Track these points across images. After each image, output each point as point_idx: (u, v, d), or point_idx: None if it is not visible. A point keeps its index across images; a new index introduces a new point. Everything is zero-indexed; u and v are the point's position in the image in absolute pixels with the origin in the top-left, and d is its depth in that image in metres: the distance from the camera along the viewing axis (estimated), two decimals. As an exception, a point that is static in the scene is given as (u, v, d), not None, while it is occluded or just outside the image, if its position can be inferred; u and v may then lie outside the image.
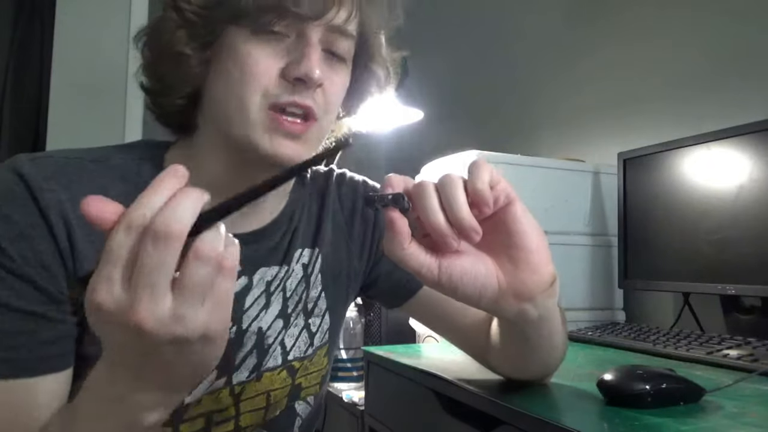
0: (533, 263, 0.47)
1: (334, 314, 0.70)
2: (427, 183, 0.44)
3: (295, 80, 0.53)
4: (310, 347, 0.68)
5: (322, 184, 0.71)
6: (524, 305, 0.48)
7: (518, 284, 0.47)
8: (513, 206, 0.46)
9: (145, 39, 0.58)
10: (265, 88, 0.53)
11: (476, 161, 0.45)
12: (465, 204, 0.43)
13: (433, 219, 0.43)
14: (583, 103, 1.55)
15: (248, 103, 0.53)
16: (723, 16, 1.19)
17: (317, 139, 0.58)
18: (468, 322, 0.69)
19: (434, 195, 0.44)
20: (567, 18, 1.64)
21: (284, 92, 0.53)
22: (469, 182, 0.44)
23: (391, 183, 0.45)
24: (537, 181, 1.21)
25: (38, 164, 0.52)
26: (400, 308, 0.74)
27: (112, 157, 0.57)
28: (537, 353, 0.58)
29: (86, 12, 2.01)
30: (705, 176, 1.03)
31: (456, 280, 0.46)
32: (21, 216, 0.49)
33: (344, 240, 0.71)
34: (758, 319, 0.98)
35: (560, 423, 0.52)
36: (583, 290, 1.24)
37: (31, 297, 0.49)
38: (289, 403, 0.67)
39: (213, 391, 0.60)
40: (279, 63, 0.54)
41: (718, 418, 0.54)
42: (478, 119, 2.02)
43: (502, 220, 0.46)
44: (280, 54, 0.54)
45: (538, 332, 0.53)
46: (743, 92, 1.13)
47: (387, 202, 0.44)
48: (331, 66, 0.57)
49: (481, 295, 0.47)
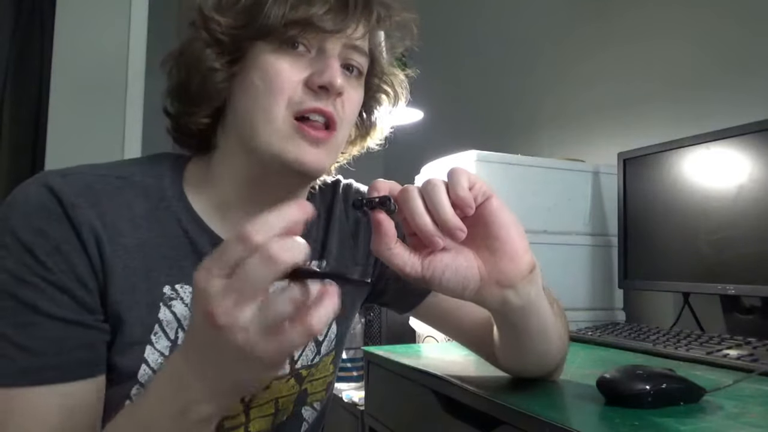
0: (510, 252, 0.50)
1: (340, 324, 0.72)
2: (412, 188, 0.48)
3: (319, 88, 0.57)
4: (317, 355, 0.69)
5: (328, 196, 0.73)
6: (506, 292, 0.51)
7: (498, 273, 0.50)
8: (489, 201, 0.49)
9: (174, 60, 0.61)
10: (289, 98, 0.56)
11: (453, 168, 0.49)
12: (449, 206, 0.47)
13: (420, 221, 0.47)
14: (583, 103, 1.55)
15: (274, 112, 0.56)
16: (723, 15, 1.19)
17: (336, 149, 0.61)
18: (475, 322, 0.70)
19: (419, 198, 0.47)
20: (567, 18, 1.64)
21: (308, 100, 0.57)
22: (450, 190, 0.47)
23: (377, 187, 0.48)
24: (537, 181, 1.21)
25: (69, 181, 0.54)
26: (410, 313, 0.76)
27: (135, 173, 0.59)
28: (530, 344, 0.59)
29: (86, 12, 2.01)
30: (705, 176, 1.03)
31: (439, 275, 0.49)
32: (56, 231, 0.52)
33: (350, 250, 0.72)
34: (758, 319, 0.98)
35: (560, 423, 0.52)
36: (583, 290, 1.24)
37: (71, 307, 0.52)
38: (295, 409, 0.68)
39: None
40: (302, 74, 0.57)
41: (718, 418, 0.54)
42: (478, 119, 2.02)
43: (480, 214, 0.49)
44: (303, 66, 0.57)
45: (525, 321, 0.55)
46: (743, 92, 1.13)
47: (374, 205, 0.47)
48: (348, 80, 0.60)
49: (464, 287, 0.50)
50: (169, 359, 0.45)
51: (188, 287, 0.59)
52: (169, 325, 0.58)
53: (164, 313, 0.57)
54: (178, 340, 0.58)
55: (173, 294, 0.58)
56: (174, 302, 0.58)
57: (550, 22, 1.71)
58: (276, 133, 0.56)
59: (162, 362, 0.57)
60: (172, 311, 0.58)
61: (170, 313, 0.58)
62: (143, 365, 0.56)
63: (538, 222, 1.19)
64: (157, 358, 0.57)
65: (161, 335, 0.57)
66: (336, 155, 0.62)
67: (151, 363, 0.56)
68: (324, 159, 0.58)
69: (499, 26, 1.96)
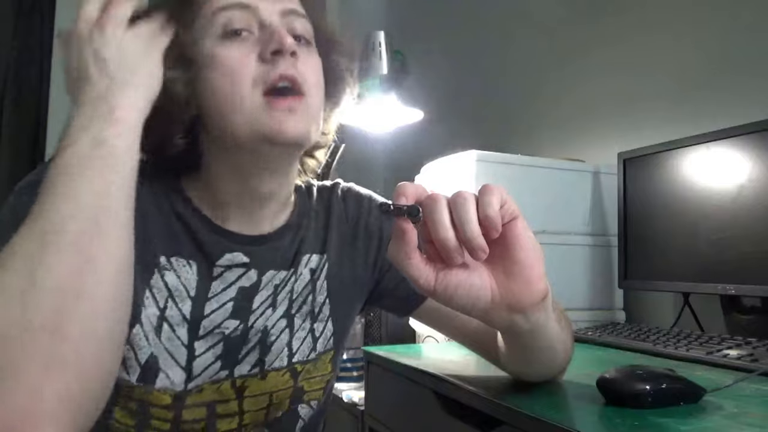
0: (527, 277, 0.48)
1: (337, 322, 0.72)
2: (440, 197, 0.46)
3: (272, 55, 0.58)
4: (313, 351, 0.69)
5: (327, 197, 0.74)
6: (514, 317, 0.49)
7: (510, 296, 0.48)
8: (515, 222, 0.48)
9: None
10: (252, 78, 0.58)
11: (487, 185, 0.46)
12: (477, 224, 0.45)
13: (443, 235, 0.45)
14: (583, 103, 1.55)
15: (242, 95, 0.57)
16: (723, 15, 1.19)
17: (312, 115, 0.61)
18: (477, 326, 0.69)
19: (446, 211, 0.45)
20: (567, 18, 1.64)
21: (269, 71, 0.58)
22: (480, 208, 0.45)
23: (405, 192, 0.46)
24: (537, 181, 1.21)
25: None
26: (411, 315, 0.76)
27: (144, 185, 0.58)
28: (537, 358, 0.60)
29: (86, 12, 2.01)
30: (705, 176, 1.03)
31: (451, 291, 0.48)
32: None
33: (349, 251, 0.73)
34: (758, 319, 0.98)
35: (560, 423, 0.52)
36: (583, 290, 1.24)
37: None
38: (291, 406, 0.68)
39: (215, 381, 0.62)
40: (254, 53, 0.59)
41: (718, 418, 0.54)
42: (478, 119, 2.02)
43: (503, 235, 0.47)
44: (252, 46, 0.59)
45: (532, 342, 0.54)
46: (743, 92, 1.13)
47: (402, 213, 0.46)
48: (299, 48, 0.61)
49: (473, 306, 0.49)
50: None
51: (183, 260, 0.62)
52: (159, 292, 0.60)
53: (156, 280, 0.60)
54: (166, 309, 0.60)
55: (167, 265, 0.61)
56: (167, 272, 0.61)
57: (550, 22, 1.71)
58: (249, 114, 0.57)
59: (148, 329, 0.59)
60: (164, 280, 0.60)
61: (162, 281, 0.60)
62: (137, 324, 0.58)
63: (538, 222, 1.19)
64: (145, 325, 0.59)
65: (151, 300, 0.60)
66: (314, 122, 0.62)
67: (145, 326, 0.59)
68: (302, 125, 0.59)
69: (499, 26, 1.96)
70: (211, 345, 0.62)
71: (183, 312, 0.61)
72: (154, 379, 0.59)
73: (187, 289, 0.61)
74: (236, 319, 0.64)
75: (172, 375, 0.60)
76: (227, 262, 0.64)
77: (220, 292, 0.63)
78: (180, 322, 0.61)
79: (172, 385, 0.60)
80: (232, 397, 0.63)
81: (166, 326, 0.60)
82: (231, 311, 0.63)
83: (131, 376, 0.58)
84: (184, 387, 0.60)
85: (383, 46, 1.77)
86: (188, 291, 0.61)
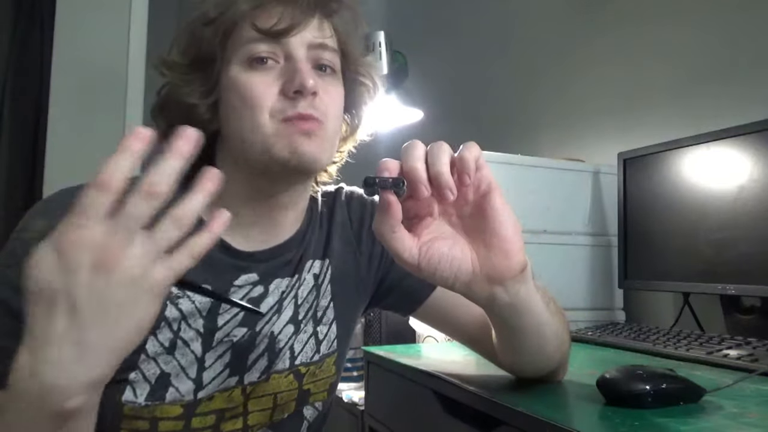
0: (505, 249, 0.50)
1: (341, 324, 0.72)
2: (417, 141, 0.49)
3: (294, 94, 0.58)
4: (317, 353, 0.70)
5: (330, 202, 0.75)
6: (495, 288, 0.51)
7: (489, 268, 0.50)
8: (493, 194, 0.50)
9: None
10: (270, 109, 0.58)
11: (468, 142, 0.49)
12: (447, 164, 0.47)
13: (413, 164, 0.47)
14: (583, 103, 1.55)
15: (260, 121, 0.58)
16: (724, 15, 1.19)
17: (329, 142, 0.62)
18: (474, 322, 0.70)
19: (422, 149, 0.48)
20: (567, 17, 1.64)
21: (288, 107, 0.58)
22: (458, 152, 0.48)
23: (387, 167, 0.48)
24: (537, 181, 1.21)
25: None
26: (411, 315, 0.76)
27: None
28: (524, 341, 0.59)
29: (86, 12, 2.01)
30: (705, 176, 1.03)
31: (434, 264, 0.50)
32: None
33: (353, 253, 0.73)
34: (758, 319, 0.98)
35: (560, 423, 0.52)
36: (583, 290, 1.24)
37: None
38: (297, 408, 0.69)
39: (225, 389, 0.63)
40: (276, 84, 0.59)
41: (718, 418, 0.54)
42: (478, 119, 2.02)
43: (482, 207, 0.50)
44: (276, 77, 0.59)
45: (517, 319, 0.55)
46: (743, 92, 1.13)
47: (388, 185, 0.46)
48: (323, 78, 0.62)
49: (456, 278, 0.51)
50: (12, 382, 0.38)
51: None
52: (174, 320, 0.60)
53: (170, 311, 0.59)
54: (180, 331, 0.60)
55: (180, 293, 0.60)
56: (180, 300, 0.60)
57: (551, 21, 1.71)
58: (267, 137, 0.58)
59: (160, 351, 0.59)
60: (178, 308, 0.60)
61: (176, 310, 0.60)
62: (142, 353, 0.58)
63: (538, 222, 1.19)
64: (156, 348, 0.59)
65: (166, 329, 0.59)
66: (330, 150, 0.63)
67: (150, 353, 0.58)
68: (319, 150, 0.59)
69: (499, 26, 1.96)
70: (219, 354, 0.62)
71: (196, 328, 0.61)
72: (164, 394, 0.59)
73: (200, 311, 0.61)
74: (244, 326, 0.64)
75: (183, 388, 0.60)
76: (242, 283, 0.64)
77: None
78: (194, 337, 0.61)
79: (182, 397, 0.60)
80: (240, 403, 0.64)
81: (180, 343, 0.60)
82: (240, 320, 0.64)
83: (139, 397, 0.58)
84: (194, 397, 0.60)
85: (383, 46, 1.77)
86: (201, 312, 0.61)
